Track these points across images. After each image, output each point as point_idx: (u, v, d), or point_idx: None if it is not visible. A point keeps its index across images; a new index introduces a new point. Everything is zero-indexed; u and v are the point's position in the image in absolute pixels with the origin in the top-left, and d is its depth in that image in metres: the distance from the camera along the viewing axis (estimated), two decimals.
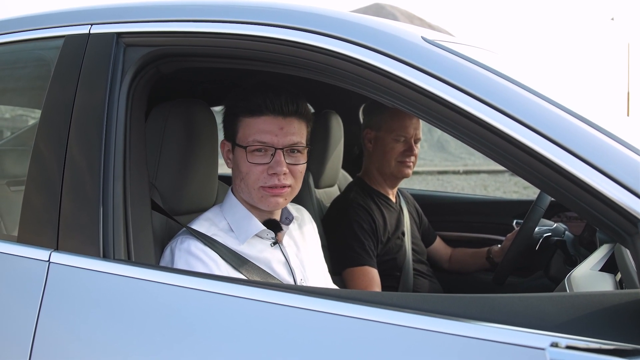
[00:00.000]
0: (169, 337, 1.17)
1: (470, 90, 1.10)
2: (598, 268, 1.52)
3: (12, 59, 1.76)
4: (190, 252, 1.47)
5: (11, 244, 1.43)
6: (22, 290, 1.35)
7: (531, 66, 1.55)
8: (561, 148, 1.01)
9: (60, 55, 1.48)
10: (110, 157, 1.35)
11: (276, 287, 1.20)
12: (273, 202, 1.56)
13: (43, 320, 1.27)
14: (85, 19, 1.49)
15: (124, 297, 1.25)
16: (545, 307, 0.96)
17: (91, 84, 1.41)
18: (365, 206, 2.31)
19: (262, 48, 1.30)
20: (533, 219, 2.19)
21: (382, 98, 1.23)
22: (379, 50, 1.18)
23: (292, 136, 1.54)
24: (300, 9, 1.31)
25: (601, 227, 1.02)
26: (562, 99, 1.10)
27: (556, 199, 1.09)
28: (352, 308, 1.05)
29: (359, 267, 2.20)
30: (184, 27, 1.38)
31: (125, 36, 1.42)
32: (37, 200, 1.44)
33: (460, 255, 2.71)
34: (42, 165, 1.44)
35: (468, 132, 1.11)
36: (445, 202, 3.25)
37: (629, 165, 0.97)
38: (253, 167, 1.54)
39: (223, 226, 1.59)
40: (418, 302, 1.04)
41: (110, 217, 1.33)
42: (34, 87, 1.88)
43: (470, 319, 0.96)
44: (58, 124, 1.42)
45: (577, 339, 0.88)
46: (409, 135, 2.34)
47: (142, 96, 1.44)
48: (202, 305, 1.19)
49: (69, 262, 1.32)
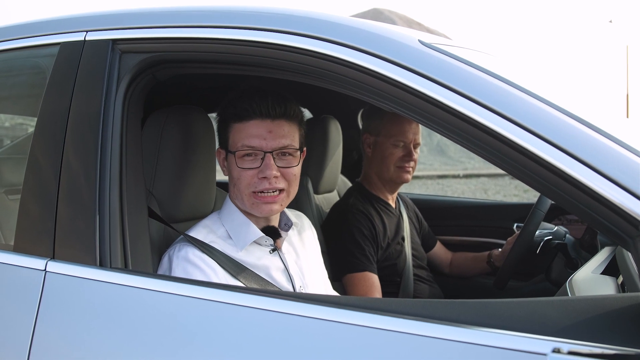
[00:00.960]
0: (167, 346, 1.16)
1: (468, 93, 1.09)
2: (599, 271, 1.52)
3: (8, 66, 1.76)
4: (188, 259, 1.46)
5: (7, 253, 1.42)
6: (19, 299, 1.34)
7: (530, 69, 1.54)
8: (561, 151, 1.00)
9: (56, 62, 1.47)
10: (106, 165, 1.35)
11: (275, 294, 1.19)
12: (266, 209, 1.55)
13: (40, 330, 1.26)
14: (81, 26, 1.48)
15: (121, 306, 1.24)
16: (546, 312, 0.95)
17: (87, 91, 1.40)
18: (365, 212, 2.30)
19: (259, 53, 1.30)
20: (533, 223, 2.18)
21: (379, 102, 1.22)
22: (376, 54, 1.18)
23: (282, 139, 1.53)
24: (296, 13, 1.30)
25: (602, 230, 1.01)
26: (561, 101, 1.09)
27: (556, 203, 1.08)
28: (351, 315, 1.04)
29: (359, 272, 2.19)
30: (180, 33, 1.37)
31: (121, 43, 1.41)
32: (33, 208, 1.43)
33: (461, 260, 2.70)
34: (38, 173, 1.43)
35: (466, 136, 1.10)
36: (446, 206, 3.24)
37: (630, 167, 0.96)
38: (243, 172, 1.53)
39: (221, 233, 1.57)
40: (417, 308, 1.03)
41: (106, 225, 1.32)
42: (29, 94, 1.88)
43: (471, 325, 0.95)
44: (54, 132, 1.41)
45: (579, 344, 0.87)
46: (408, 140, 2.33)
47: (138, 103, 1.43)
48: (200, 314, 1.18)
49: (65, 271, 1.31)
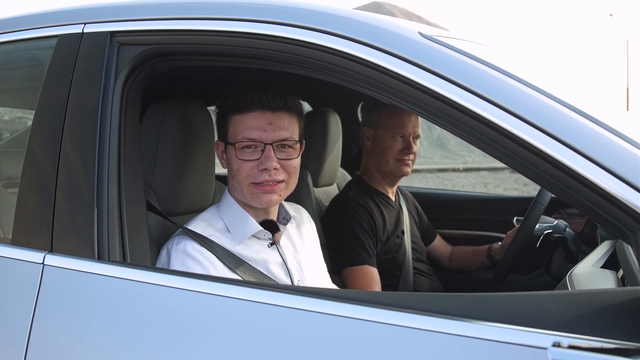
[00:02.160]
0: (166, 339, 1.16)
1: (468, 85, 1.08)
2: (600, 265, 1.51)
3: (5, 59, 1.75)
4: (187, 253, 1.46)
5: (5, 246, 1.42)
6: (17, 293, 1.34)
7: (530, 62, 1.53)
8: (562, 144, 0.99)
9: (54, 55, 1.46)
10: (104, 158, 1.34)
11: (274, 288, 1.19)
12: (265, 199, 1.54)
13: (37, 323, 1.26)
14: (79, 18, 1.48)
15: (119, 299, 1.24)
16: (546, 306, 0.95)
17: (85, 83, 1.39)
18: (365, 205, 2.30)
19: (258, 45, 1.29)
20: (533, 216, 2.18)
21: (379, 95, 1.21)
22: (375, 46, 1.17)
23: (282, 131, 1.53)
24: (295, 5, 1.29)
25: (603, 223, 1.01)
26: (561, 94, 1.08)
27: (557, 196, 1.07)
28: (349, 308, 1.04)
29: (359, 266, 2.18)
30: (178, 25, 1.36)
31: (119, 35, 1.40)
32: (31, 201, 1.42)
33: (461, 253, 2.70)
34: (36, 166, 1.42)
35: (466, 128, 1.10)
36: (445, 199, 3.23)
37: (631, 161, 0.96)
38: (243, 164, 1.52)
39: (220, 227, 1.57)
40: (416, 301, 1.03)
41: (104, 219, 1.31)
42: (27, 87, 1.87)
43: (471, 319, 0.95)
44: (52, 125, 1.40)
45: (579, 338, 0.87)
46: (407, 132, 2.32)
47: (136, 95, 1.42)
48: (199, 307, 1.17)
49: (63, 265, 1.31)
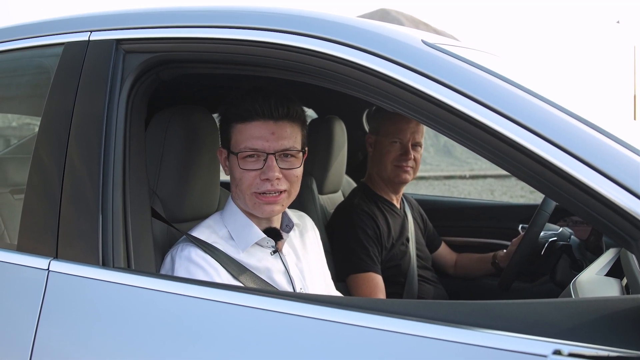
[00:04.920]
0: (170, 346, 1.16)
1: (471, 93, 1.08)
2: (604, 273, 1.50)
3: (12, 66, 1.76)
4: (191, 259, 1.46)
5: (11, 252, 1.43)
6: (22, 298, 1.35)
7: (535, 70, 1.53)
8: (565, 152, 0.99)
9: (60, 62, 1.47)
10: (109, 165, 1.35)
11: (277, 295, 1.19)
12: (267, 209, 1.54)
13: (42, 329, 1.27)
14: (85, 26, 1.49)
15: (123, 306, 1.24)
16: (547, 313, 0.95)
17: (91, 90, 1.40)
18: (370, 212, 2.30)
19: (263, 53, 1.29)
20: (538, 224, 2.17)
21: (382, 103, 1.21)
22: (379, 54, 1.17)
23: (284, 140, 1.52)
24: (299, 13, 1.30)
25: (606, 231, 1.00)
26: (567, 103, 1.08)
27: (560, 204, 1.07)
28: (353, 316, 1.04)
29: (364, 273, 2.19)
30: (183, 33, 1.37)
31: (125, 43, 1.41)
32: (37, 208, 1.43)
33: (466, 261, 2.69)
34: (42, 172, 1.43)
35: (470, 137, 1.10)
36: (451, 207, 3.23)
37: (634, 169, 0.96)
38: (245, 173, 1.52)
39: (223, 234, 1.57)
40: (418, 309, 1.03)
41: (109, 225, 1.32)
42: (34, 94, 1.88)
43: (472, 326, 0.95)
44: (58, 131, 1.41)
45: (581, 346, 0.87)
46: (405, 138, 2.32)
47: (142, 103, 1.43)
48: (203, 314, 1.18)
49: (68, 271, 1.31)
